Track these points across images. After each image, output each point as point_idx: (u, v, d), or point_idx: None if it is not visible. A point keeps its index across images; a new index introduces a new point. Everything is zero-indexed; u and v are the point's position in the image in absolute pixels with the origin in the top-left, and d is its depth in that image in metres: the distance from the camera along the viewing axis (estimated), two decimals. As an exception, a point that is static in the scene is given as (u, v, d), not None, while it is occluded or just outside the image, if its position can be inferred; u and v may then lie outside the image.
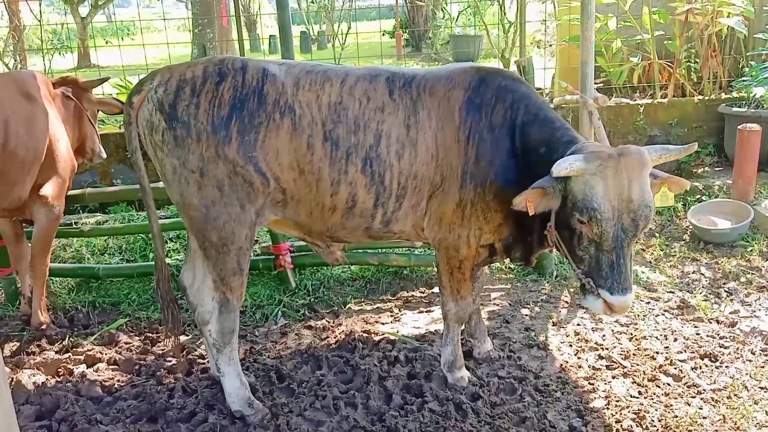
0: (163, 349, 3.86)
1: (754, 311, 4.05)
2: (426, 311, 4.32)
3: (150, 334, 4.03)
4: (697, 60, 7.16)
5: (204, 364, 3.66)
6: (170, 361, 3.70)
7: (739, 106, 6.38)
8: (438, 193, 3.08)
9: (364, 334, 3.95)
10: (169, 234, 4.98)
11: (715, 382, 3.34)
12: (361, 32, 14.58)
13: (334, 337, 3.94)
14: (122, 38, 17.50)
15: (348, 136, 2.97)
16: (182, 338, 3.99)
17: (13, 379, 3.46)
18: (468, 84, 3.08)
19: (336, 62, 9.59)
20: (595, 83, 5.19)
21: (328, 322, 4.16)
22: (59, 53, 11.66)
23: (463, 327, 3.60)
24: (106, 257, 4.94)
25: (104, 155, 4.72)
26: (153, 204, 3.12)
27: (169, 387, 3.40)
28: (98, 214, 5.58)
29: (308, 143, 2.93)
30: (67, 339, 3.96)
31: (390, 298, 4.56)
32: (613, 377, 3.44)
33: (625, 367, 3.51)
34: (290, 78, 2.96)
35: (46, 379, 3.53)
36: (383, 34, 16.33)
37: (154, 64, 9.49)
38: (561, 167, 2.57)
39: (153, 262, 4.69)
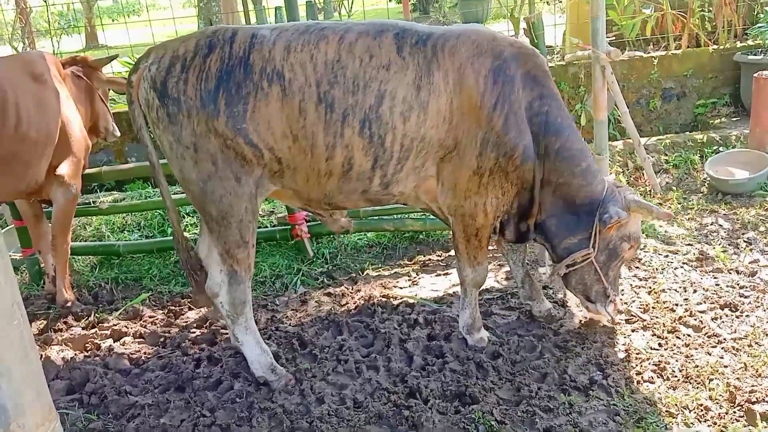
0: (186, 322, 3.93)
1: (775, 261, 4.03)
2: (444, 274, 4.34)
3: (173, 307, 4.09)
4: (711, 9, 6.99)
5: (227, 333, 3.72)
6: (194, 333, 3.77)
7: (755, 54, 6.25)
8: (451, 157, 3.04)
9: (383, 299, 3.99)
10: (186, 209, 5.02)
11: (735, 332, 3.34)
12: (367, -2, 14.38)
13: (354, 303, 3.98)
14: (128, 16, 17.43)
15: (345, 97, 2.87)
16: (205, 310, 4.05)
17: (42, 355, 3.55)
18: (500, 53, 3.01)
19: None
20: (607, 37, 5.10)
21: (347, 289, 4.20)
22: (67, 34, 11.65)
23: (520, 292, 3.68)
24: (125, 234, 5.00)
25: (118, 134, 4.75)
26: (164, 179, 3.14)
27: (195, 357, 3.47)
28: (115, 192, 5.64)
29: (300, 108, 2.87)
30: (92, 315, 4.04)
31: (407, 262, 4.59)
32: (633, 331, 3.45)
33: (645, 320, 3.52)
34: (281, 41, 2.89)
35: (75, 354, 3.62)
36: (390, 0, 16.10)
37: (161, 41, 9.42)
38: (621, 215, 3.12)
39: (171, 237, 4.76)
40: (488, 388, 3.03)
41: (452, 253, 4.60)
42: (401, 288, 4.19)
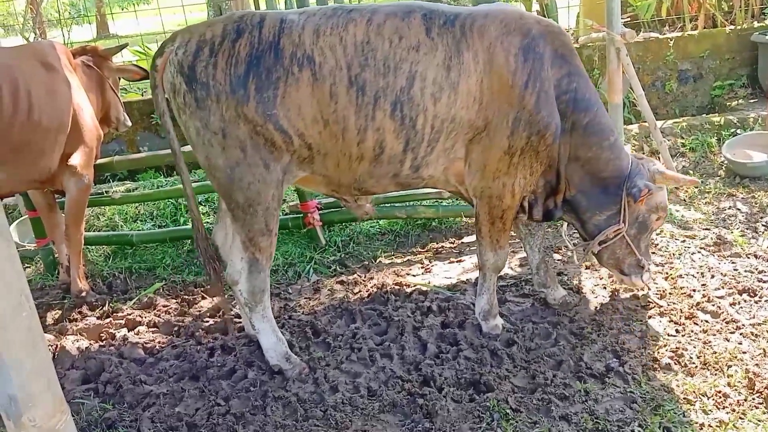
0: (200, 311, 3.94)
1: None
2: (457, 261, 4.31)
3: (186, 297, 4.10)
4: (729, -12, 6.85)
5: (241, 323, 3.72)
6: (207, 322, 3.77)
7: (775, 34, 6.11)
8: (480, 137, 3.00)
9: (396, 287, 3.97)
10: (199, 198, 5.02)
11: (754, 317, 3.29)
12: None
13: (367, 291, 3.96)
14: (137, 5, 17.41)
15: (376, 79, 2.84)
16: (218, 299, 4.06)
17: (57, 345, 3.57)
18: (528, 31, 2.99)
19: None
20: (622, 19, 5.01)
21: (360, 277, 4.19)
22: (77, 24, 11.65)
23: (535, 279, 3.67)
24: (138, 224, 5.01)
25: (129, 123, 4.75)
26: (185, 166, 3.13)
27: (209, 346, 3.48)
28: (127, 181, 5.65)
29: (331, 92, 2.84)
30: (107, 304, 4.05)
31: (420, 250, 4.56)
32: (650, 317, 3.41)
33: (662, 306, 3.47)
34: (309, 25, 2.86)
35: (90, 344, 3.64)
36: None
37: (171, 29, 9.42)
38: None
39: (184, 226, 4.77)
40: (503, 375, 3.01)
41: (465, 240, 4.58)
42: (414, 276, 4.17)
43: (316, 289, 4.10)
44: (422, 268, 4.27)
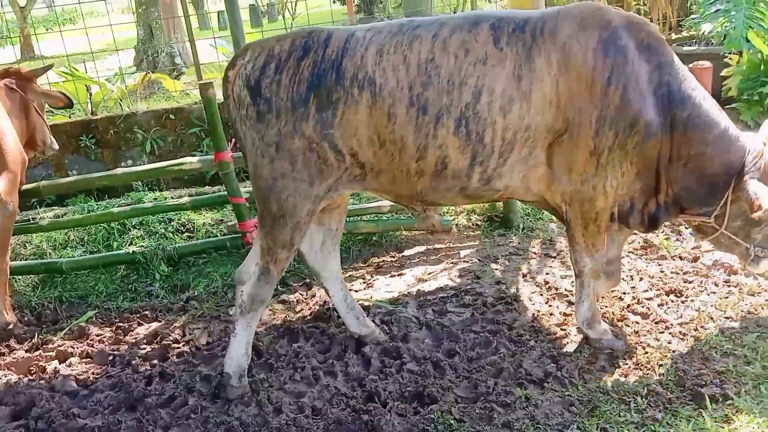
0: (135, 338, 3.82)
1: (715, 245, 4.16)
2: (398, 275, 4.34)
3: (121, 324, 3.97)
4: (646, 2, 7.20)
5: (179, 348, 3.64)
6: (144, 349, 3.66)
7: (690, 45, 6.45)
8: (563, 140, 2.88)
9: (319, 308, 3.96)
10: (132, 221, 4.89)
11: (681, 317, 3.44)
12: None
13: (309, 309, 3.94)
14: (63, 25, 16.89)
15: (439, 98, 2.79)
16: (155, 324, 3.96)
17: (-16, 382, 3.39)
18: (608, 24, 2.86)
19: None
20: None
21: (302, 295, 4.16)
22: (0, 46, 11.20)
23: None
24: (68, 251, 4.83)
25: (56, 147, 4.60)
26: None
27: (146, 374, 3.38)
28: (56, 207, 5.45)
29: (389, 113, 2.81)
30: (36, 336, 3.88)
31: (361, 264, 4.57)
32: (584, 321, 3.51)
33: (595, 310, 3.58)
34: (373, 45, 2.85)
35: (19, 378, 3.48)
36: (334, 1, 16.05)
37: (100, 49, 9.19)
38: None
39: (117, 251, 4.63)
40: (446, 386, 3.04)
41: (406, 253, 4.62)
42: (356, 291, 4.17)
43: (257, 310, 4.04)
44: (364, 283, 4.28)
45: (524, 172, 2.98)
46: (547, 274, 4.09)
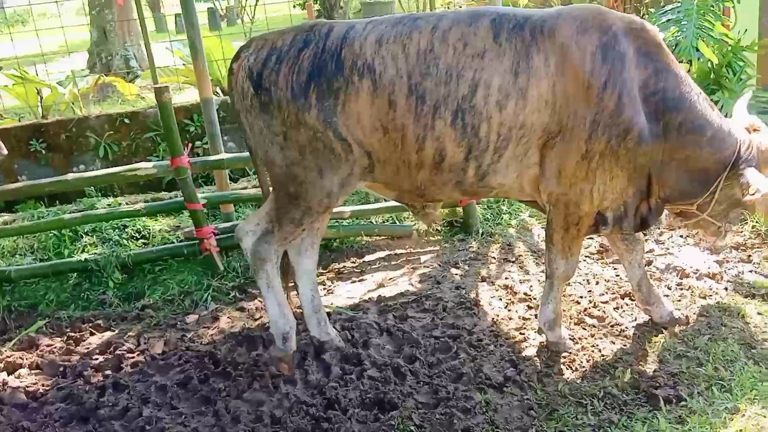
0: (88, 348, 3.71)
1: (668, 248, 4.26)
2: (359, 281, 4.32)
3: (73, 334, 3.85)
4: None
5: (133, 357, 3.55)
6: (97, 359, 3.56)
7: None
8: (555, 142, 2.88)
9: (298, 310, 3.91)
10: (84, 228, 4.75)
11: (636, 320, 3.51)
12: (271, 4, 14.18)
13: (268, 317, 3.88)
14: (13, 27, 16.39)
15: (437, 88, 2.81)
16: (109, 334, 3.85)
17: (-75, 396, 3.24)
18: (608, 29, 2.86)
19: (247, 38, 9.31)
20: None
21: (260, 302, 4.09)
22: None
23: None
24: (17, 258, 4.66)
25: (5, 152, 4.42)
26: (262, 167, 3.23)
27: (98, 385, 3.28)
28: (5, 213, 5.26)
29: (390, 100, 2.85)
30: (-18, 348, 3.74)
31: (321, 271, 4.53)
32: (543, 325, 3.55)
33: (553, 314, 3.63)
34: (373, 35, 2.88)
35: (-36, 392, 3.33)
36: (294, 6, 15.97)
37: (52, 51, 8.93)
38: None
39: (68, 259, 4.50)
40: (406, 392, 3.04)
41: (366, 259, 4.61)
42: (303, 311, 4.12)
43: (215, 318, 3.97)
44: (324, 289, 4.24)
45: (519, 172, 3.00)
46: (506, 278, 4.13)
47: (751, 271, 3.90)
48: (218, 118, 4.98)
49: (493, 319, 3.67)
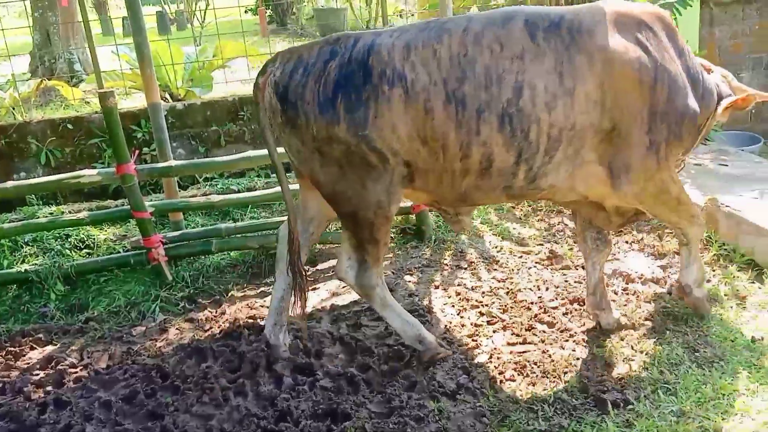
0: (28, 363, 3.56)
1: (614, 254, 4.36)
2: (312, 289, 4.27)
3: (12, 349, 3.69)
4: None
5: (76, 372, 3.42)
6: (38, 375, 3.42)
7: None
8: (611, 139, 2.90)
9: (250, 320, 3.85)
10: (24, 238, 4.57)
11: (584, 325, 3.57)
12: (223, 8, 14.00)
13: (218, 327, 3.81)
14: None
15: (477, 93, 2.73)
16: (50, 348, 3.71)
17: None
18: (640, 21, 2.94)
19: (197, 42, 9.17)
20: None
21: (211, 313, 4.02)
22: None
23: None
24: (-49, 270, 4.46)
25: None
26: (285, 178, 3.11)
27: (39, 402, 3.15)
28: (-62, 223, 5.01)
29: (426, 108, 2.77)
30: None
31: (274, 280, 4.46)
32: (494, 331, 3.59)
33: (504, 320, 3.67)
34: (400, 42, 2.79)
35: None
36: (246, 11, 15.79)
37: (-10, 53, 8.58)
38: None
39: (8, 270, 4.32)
40: (360, 402, 3.01)
41: (320, 267, 4.57)
42: (268, 307, 4.06)
43: (163, 329, 3.87)
44: (276, 298, 4.18)
45: (571, 172, 2.98)
46: (458, 285, 4.15)
47: (693, 276, 4.02)
48: (167, 123, 4.88)
49: (445, 326, 3.68)
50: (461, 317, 3.76)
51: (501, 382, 3.14)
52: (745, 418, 2.75)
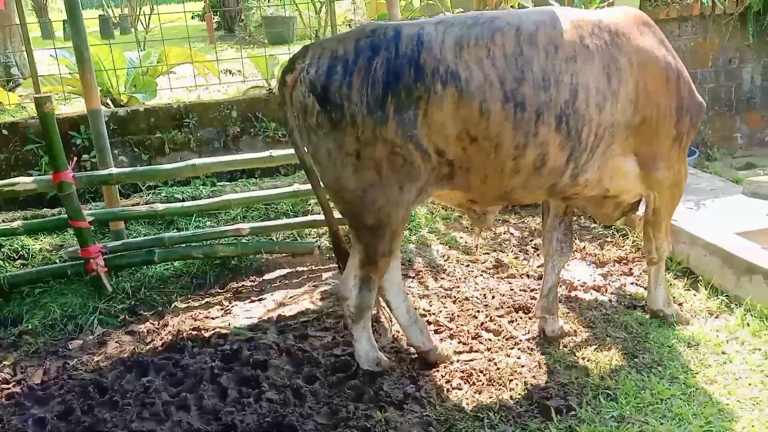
0: (-45, 380, 3.38)
1: (558, 263, 4.46)
2: (258, 300, 4.21)
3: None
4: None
5: (8, 389, 3.27)
6: (-35, 392, 3.25)
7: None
8: (638, 132, 3.07)
9: (193, 332, 3.77)
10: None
11: (529, 332, 3.63)
12: (169, 13, 13.74)
13: (161, 340, 3.71)
14: None
15: (537, 94, 2.74)
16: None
17: None
18: (651, 24, 3.16)
19: (140, 47, 8.96)
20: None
21: (153, 325, 3.91)
22: None
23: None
24: None
25: None
26: (318, 182, 2.99)
27: (-34, 421, 2.99)
28: None
29: (482, 109, 2.71)
30: None
31: (219, 290, 4.39)
32: (441, 340, 3.61)
33: (451, 328, 3.69)
34: (451, 38, 2.69)
35: None
36: (193, 17, 15.56)
37: None
38: None
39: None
40: (306, 414, 2.97)
41: (266, 277, 4.51)
42: (213, 318, 3.99)
43: (102, 343, 3.74)
44: (222, 309, 4.11)
45: (600, 165, 3.08)
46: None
47: (632, 284, 4.15)
48: (108, 130, 4.75)
49: (393, 335, 3.68)
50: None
51: (448, 390, 3.16)
52: (682, 422, 2.84)
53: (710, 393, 3.03)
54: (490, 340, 3.58)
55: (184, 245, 4.50)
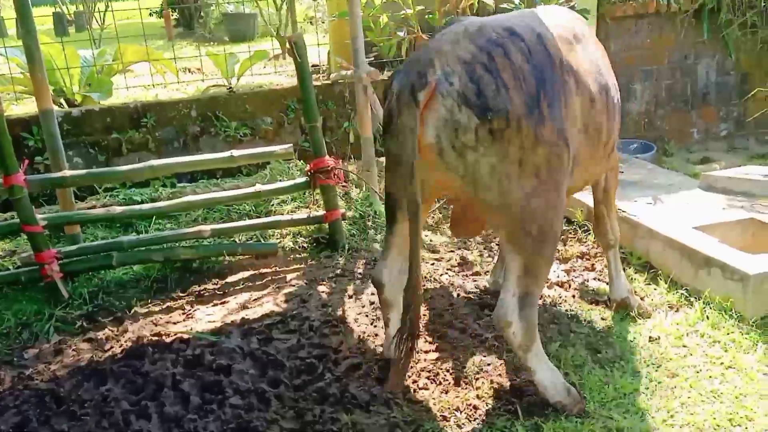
0: None
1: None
2: (221, 303, 4.14)
3: None
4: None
5: (-42, 402, 3.14)
6: None
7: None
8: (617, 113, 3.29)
9: (154, 338, 3.68)
10: None
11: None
12: (126, 10, 13.44)
13: (120, 346, 3.61)
14: None
15: (605, 80, 2.99)
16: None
17: None
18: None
19: (94, 45, 8.74)
20: (368, 58, 5.30)
21: (112, 331, 3.81)
22: None
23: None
24: None
25: None
26: (419, 231, 2.74)
27: None
28: None
29: (591, 98, 2.83)
30: None
31: (180, 294, 4.30)
32: (407, 340, 3.58)
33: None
34: (544, 31, 2.74)
35: None
36: (151, 14, 15.23)
37: None
38: None
39: None
40: (271, 419, 2.93)
41: (229, 279, 4.43)
42: (174, 323, 3.90)
43: (58, 351, 3.62)
44: (183, 314, 4.02)
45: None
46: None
47: (594, 279, 4.20)
48: (62, 131, 4.61)
49: (359, 336, 3.65)
50: (374, 327, 3.74)
51: (414, 391, 3.14)
52: (645, 416, 2.88)
53: (672, 386, 3.08)
54: (456, 338, 3.58)
55: (143, 248, 4.40)
